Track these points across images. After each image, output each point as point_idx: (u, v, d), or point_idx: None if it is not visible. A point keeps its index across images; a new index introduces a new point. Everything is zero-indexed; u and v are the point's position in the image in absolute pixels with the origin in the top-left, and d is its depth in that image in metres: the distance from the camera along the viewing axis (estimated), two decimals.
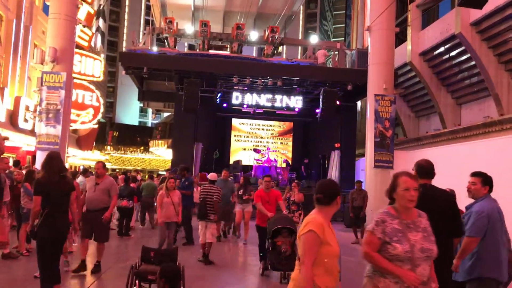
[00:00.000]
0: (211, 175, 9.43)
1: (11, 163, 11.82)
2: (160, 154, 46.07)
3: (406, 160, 18.36)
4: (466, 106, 19.97)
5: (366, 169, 17.99)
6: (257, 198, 8.65)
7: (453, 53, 18.74)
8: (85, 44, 25.25)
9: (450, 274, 4.10)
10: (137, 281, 4.87)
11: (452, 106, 20.43)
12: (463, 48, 17.68)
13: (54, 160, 5.23)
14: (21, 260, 8.08)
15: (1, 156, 7.53)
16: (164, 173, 23.31)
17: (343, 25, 49.21)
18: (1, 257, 7.74)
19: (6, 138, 5.23)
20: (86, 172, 13.73)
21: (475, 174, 4.54)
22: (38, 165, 15.19)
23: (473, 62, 17.52)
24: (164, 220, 8.52)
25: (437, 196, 4.07)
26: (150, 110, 61.05)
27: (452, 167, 13.31)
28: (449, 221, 3.96)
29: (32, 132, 20.29)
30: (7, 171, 8.69)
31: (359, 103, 26.34)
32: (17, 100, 20.50)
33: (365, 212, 13.76)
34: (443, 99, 20.57)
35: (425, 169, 4.21)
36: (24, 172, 9.50)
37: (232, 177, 15.99)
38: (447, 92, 20.49)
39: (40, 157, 16.29)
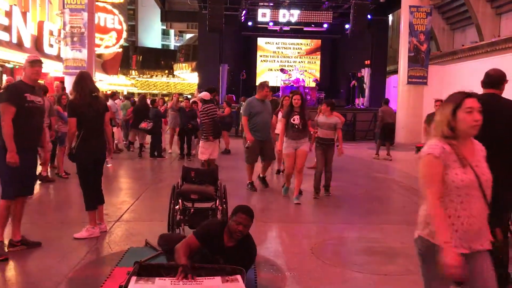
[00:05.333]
0: (205, 95, 8.82)
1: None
2: (185, 77, 45.78)
3: (440, 76, 17.72)
4: (506, 15, 18.78)
5: (398, 85, 17.48)
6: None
7: None
8: None
9: None
10: (180, 200, 4.86)
11: (491, 16, 19.25)
12: None
13: (85, 79, 5.06)
14: (61, 183, 8.26)
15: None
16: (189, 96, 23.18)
17: None
18: (40, 181, 7.89)
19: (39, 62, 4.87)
20: (114, 95, 13.68)
21: None
22: (67, 91, 15.25)
23: None
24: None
25: (505, 107, 3.72)
26: (172, 33, 59.95)
27: None
28: None
29: (58, 58, 20.18)
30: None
31: (390, 17, 25.10)
32: (40, 25, 20.20)
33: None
34: (482, 9, 19.35)
35: (492, 78, 3.83)
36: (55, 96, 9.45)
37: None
38: (486, 1, 19.21)
39: (69, 82, 16.30)
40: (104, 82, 31.65)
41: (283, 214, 6.64)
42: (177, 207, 4.83)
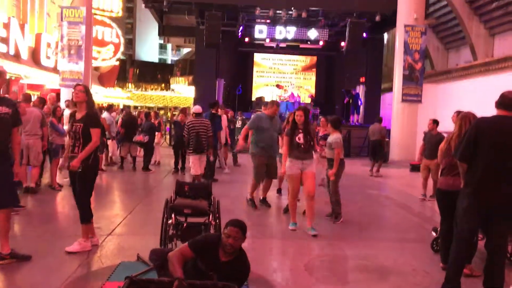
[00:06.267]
0: (196, 108, 8.84)
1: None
2: (181, 91, 45.84)
3: (435, 94, 17.89)
4: (499, 36, 18.99)
5: (393, 103, 17.59)
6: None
7: None
8: None
9: None
10: (173, 215, 4.85)
11: (484, 36, 19.45)
12: None
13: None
14: (52, 195, 8.20)
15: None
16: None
17: None
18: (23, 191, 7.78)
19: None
20: (110, 108, 13.69)
21: None
22: (62, 103, 15.23)
23: None
24: None
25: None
26: (169, 47, 60.22)
27: (485, 100, 12.86)
28: None
29: (55, 70, 20.19)
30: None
31: (385, 36, 25.36)
32: (38, 37, 20.25)
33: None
34: (475, 29, 19.55)
35: (508, 100, 3.89)
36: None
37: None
38: (479, 22, 19.44)
39: (65, 94, 16.31)
40: (100, 95, 31.66)
41: (276, 230, 6.62)
42: (170, 221, 4.81)
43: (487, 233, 4.13)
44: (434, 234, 5.63)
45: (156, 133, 13.05)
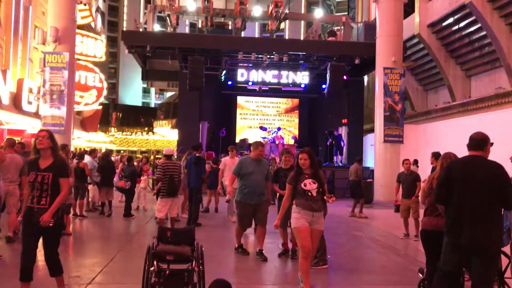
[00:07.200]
0: (167, 150, 8.83)
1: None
2: (165, 134, 45.86)
3: (416, 134, 18.16)
4: (475, 78, 19.60)
5: (375, 144, 17.79)
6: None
7: (462, 24, 18.28)
8: (87, 20, 24.92)
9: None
10: (155, 262, 4.71)
11: (461, 78, 20.07)
12: (473, 18, 17.22)
13: None
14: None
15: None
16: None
17: None
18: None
19: None
20: (93, 152, 13.53)
21: None
22: None
23: (484, 32, 17.09)
24: None
25: (483, 168, 3.99)
26: (153, 91, 60.61)
27: (464, 139, 13.08)
28: (493, 193, 3.90)
29: (36, 115, 20.07)
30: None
31: (365, 78, 25.97)
32: (20, 82, 20.22)
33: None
34: (452, 71, 20.20)
35: (475, 141, 4.14)
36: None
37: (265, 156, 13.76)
38: (456, 64, 20.11)
39: None
40: (82, 139, 31.45)
41: (260, 275, 6.47)
42: (152, 268, 4.67)
43: (470, 273, 4.17)
44: (420, 275, 5.55)
45: (142, 178, 12.87)
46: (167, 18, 22.58)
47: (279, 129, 23.64)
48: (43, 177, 4.64)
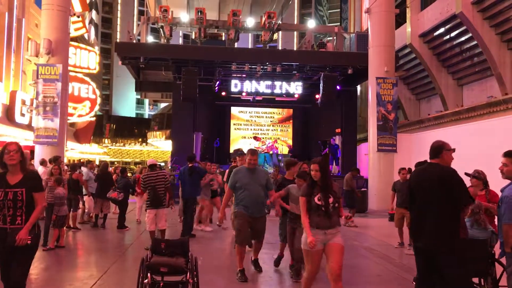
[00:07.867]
0: (150, 161, 8.70)
1: None
2: (159, 145, 45.81)
3: (409, 143, 18.23)
4: (467, 87, 19.78)
5: (369, 153, 17.84)
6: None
7: (453, 34, 18.50)
8: (81, 32, 24.97)
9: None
10: (149, 274, 4.68)
11: (453, 87, 20.23)
12: (464, 28, 17.42)
13: None
14: None
15: None
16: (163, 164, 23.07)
17: (339, 10, 48.71)
18: None
19: None
20: (89, 163, 13.49)
21: (507, 155, 4.21)
22: (36, 160, 14.96)
23: (475, 42, 17.28)
24: None
25: (437, 172, 4.23)
26: (146, 102, 60.64)
27: (457, 148, 13.15)
28: (447, 194, 4.10)
29: (29, 127, 20.00)
30: None
31: (358, 88, 26.12)
32: (12, 95, 20.17)
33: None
34: (444, 81, 20.37)
35: (431, 149, 4.43)
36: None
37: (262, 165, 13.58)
38: (448, 73, 20.29)
39: (39, 152, 16.06)
40: (76, 151, 31.34)
41: None
42: (146, 281, 4.65)
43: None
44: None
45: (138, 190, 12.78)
46: (161, 29, 22.67)
47: (276, 141, 23.72)
48: (15, 193, 4.12)
